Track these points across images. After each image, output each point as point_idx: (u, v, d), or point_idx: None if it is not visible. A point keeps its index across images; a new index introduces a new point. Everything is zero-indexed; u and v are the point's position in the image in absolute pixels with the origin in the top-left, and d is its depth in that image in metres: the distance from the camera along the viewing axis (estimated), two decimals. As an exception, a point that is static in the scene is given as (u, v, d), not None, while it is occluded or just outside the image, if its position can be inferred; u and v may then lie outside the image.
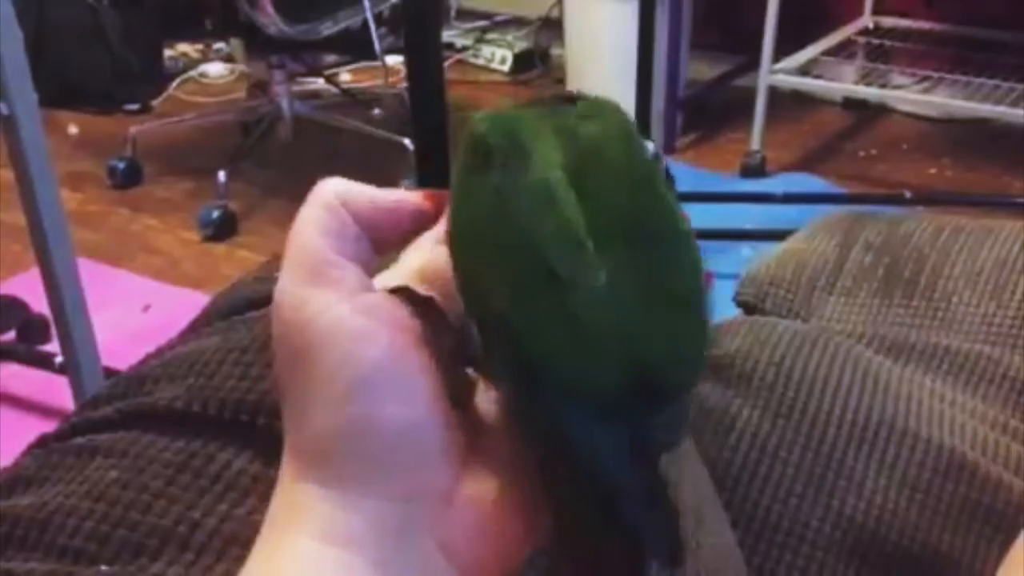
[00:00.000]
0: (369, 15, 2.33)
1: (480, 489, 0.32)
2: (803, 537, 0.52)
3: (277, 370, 0.32)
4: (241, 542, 0.37)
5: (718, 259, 2.09)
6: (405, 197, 0.34)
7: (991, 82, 2.42)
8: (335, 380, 0.30)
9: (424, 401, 0.31)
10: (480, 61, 3.31)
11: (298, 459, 0.31)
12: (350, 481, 0.30)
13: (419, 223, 0.34)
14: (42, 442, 0.45)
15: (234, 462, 0.40)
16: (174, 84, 3.13)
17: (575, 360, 0.29)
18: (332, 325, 0.30)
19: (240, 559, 0.37)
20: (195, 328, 0.50)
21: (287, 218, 0.33)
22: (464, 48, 3.35)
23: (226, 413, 0.41)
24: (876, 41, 2.74)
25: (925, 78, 2.65)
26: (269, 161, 2.63)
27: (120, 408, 0.44)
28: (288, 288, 0.32)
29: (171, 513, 0.38)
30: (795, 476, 0.54)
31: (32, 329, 1.88)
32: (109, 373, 1.48)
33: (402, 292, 0.33)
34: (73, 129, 2.87)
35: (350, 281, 0.32)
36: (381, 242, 0.34)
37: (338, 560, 0.29)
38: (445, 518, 0.31)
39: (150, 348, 0.50)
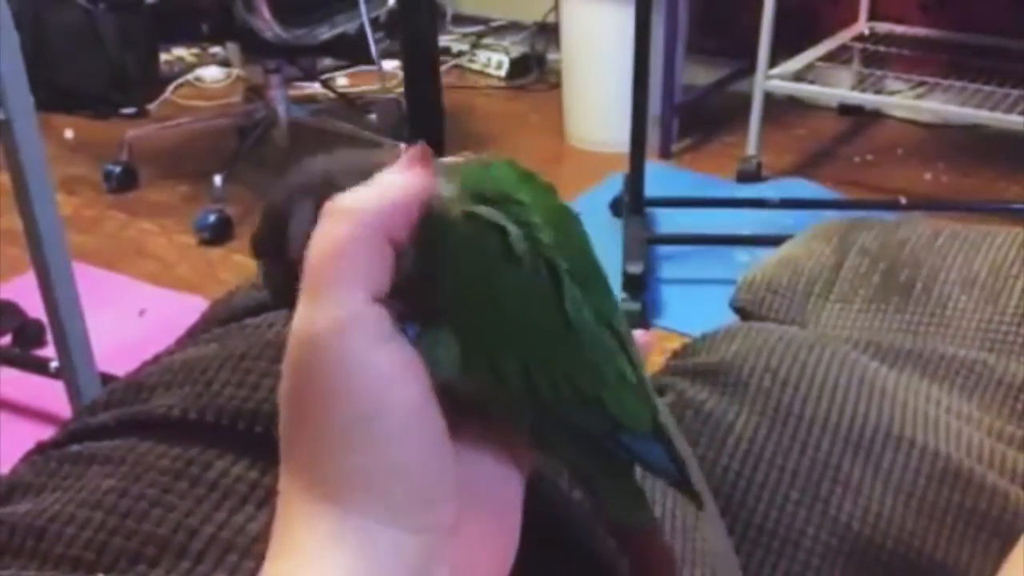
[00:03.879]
0: (365, 20, 2.33)
1: (480, 511, 0.33)
2: (799, 544, 0.53)
3: (300, 397, 0.31)
4: (238, 550, 0.37)
5: (714, 264, 2.09)
6: (403, 179, 0.32)
7: (986, 88, 2.42)
8: (374, 424, 0.30)
9: (441, 440, 0.32)
10: (476, 66, 3.31)
11: (327, 488, 0.31)
12: (379, 514, 0.30)
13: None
14: (39, 449, 0.45)
15: (231, 469, 0.40)
16: (170, 88, 3.13)
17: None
18: (373, 366, 0.30)
19: (237, 567, 0.37)
20: (192, 335, 0.50)
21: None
22: (460, 53, 3.35)
23: (223, 420, 0.41)
24: (871, 47, 2.75)
25: (920, 84, 2.65)
26: (265, 165, 2.63)
27: (117, 415, 0.43)
28: (324, 323, 0.30)
29: (168, 521, 0.38)
30: (791, 483, 0.54)
31: (27, 333, 1.88)
32: (105, 378, 1.47)
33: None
34: (69, 133, 2.87)
35: (388, 322, 0.31)
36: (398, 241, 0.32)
37: None
38: (455, 545, 0.32)
39: (146, 352, 0.50)
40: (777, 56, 2.49)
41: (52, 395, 1.58)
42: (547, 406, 0.34)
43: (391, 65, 2.85)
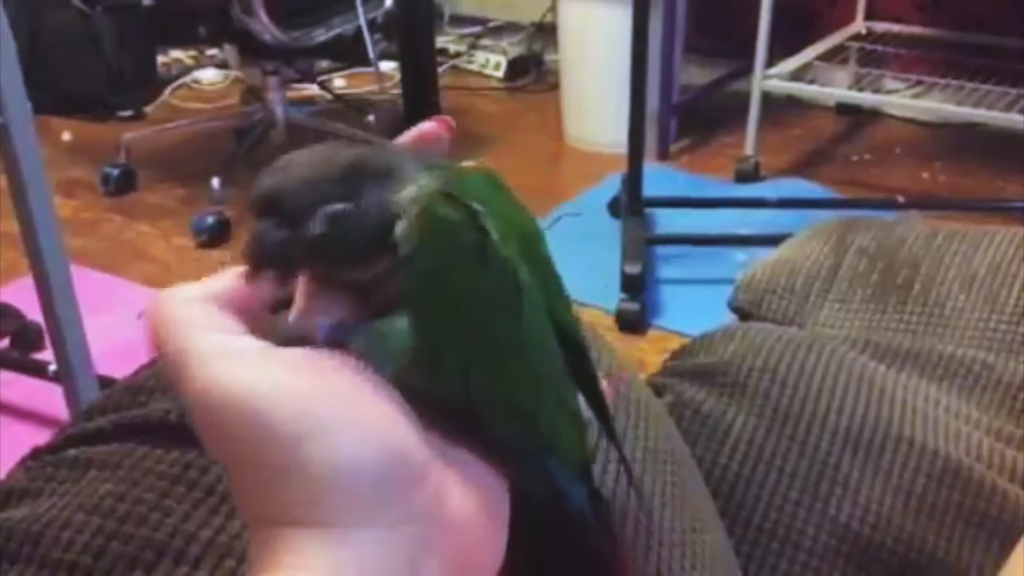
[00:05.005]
0: (363, 21, 2.33)
1: (463, 492, 0.32)
2: (798, 544, 0.52)
3: (222, 451, 0.31)
4: (235, 555, 0.37)
5: (712, 265, 2.09)
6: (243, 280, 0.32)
7: (983, 86, 2.42)
8: (303, 442, 0.29)
9: (395, 421, 0.31)
10: (474, 67, 3.31)
11: (285, 513, 0.30)
12: (350, 519, 0.30)
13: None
14: (35, 454, 0.45)
15: (228, 474, 0.40)
16: (168, 91, 3.13)
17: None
18: (274, 391, 0.29)
19: (235, 572, 0.37)
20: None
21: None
22: (458, 54, 3.35)
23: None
24: (869, 46, 2.75)
25: (918, 83, 2.65)
26: (263, 167, 2.63)
27: (114, 420, 0.43)
28: (203, 374, 0.30)
29: (166, 526, 0.38)
30: (790, 483, 0.54)
31: (26, 337, 1.87)
32: (103, 381, 1.47)
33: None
34: (67, 136, 2.87)
35: (261, 346, 0.31)
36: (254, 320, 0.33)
37: None
38: (442, 531, 0.31)
39: (144, 356, 0.50)
40: (775, 56, 2.49)
41: (50, 398, 1.58)
42: (480, 408, 0.33)
43: (388, 66, 2.85)
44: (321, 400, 0.30)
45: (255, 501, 0.30)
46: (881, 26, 2.80)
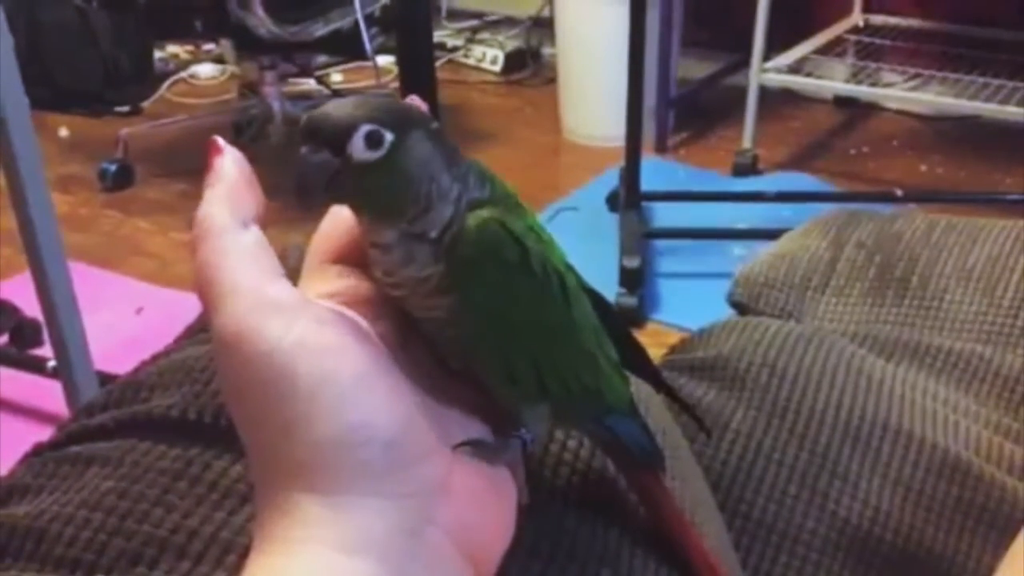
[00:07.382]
0: (360, 16, 2.33)
1: (471, 470, 0.33)
2: (798, 538, 0.53)
3: (238, 400, 0.31)
4: (238, 550, 0.37)
5: (710, 259, 2.09)
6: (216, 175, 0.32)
7: (981, 79, 2.42)
8: (318, 397, 0.30)
9: (407, 397, 0.32)
10: (471, 61, 3.30)
11: (292, 475, 0.30)
12: (354, 486, 0.30)
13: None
14: (37, 451, 0.45)
15: (231, 469, 0.40)
16: (165, 85, 3.12)
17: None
18: (299, 345, 0.30)
19: (237, 568, 0.37)
20: (190, 334, 0.50)
21: (280, 220, 0.33)
22: (455, 48, 3.35)
23: (222, 420, 0.41)
24: (866, 39, 2.74)
25: (915, 76, 2.65)
26: (261, 162, 2.60)
27: (116, 416, 0.44)
28: (234, 319, 0.30)
29: (168, 521, 0.38)
30: (789, 477, 0.54)
31: (24, 333, 1.87)
32: (102, 377, 1.47)
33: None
34: (64, 132, 2.86)
35: (295, 296, 0.31)
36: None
37: (365, 571, 0.29)
38: (447, 506, 0.31)
39: (143, 351, 0.50)
40: (772, 49, 2.49)
41: (49, 395, 1.58)
42: (556, 400, 0.36)
43: (386, 60, 2.85)
44: (342, 362, 0.30)
45: (265, 460, 0.31)
46: (879, 19, 2.80)
